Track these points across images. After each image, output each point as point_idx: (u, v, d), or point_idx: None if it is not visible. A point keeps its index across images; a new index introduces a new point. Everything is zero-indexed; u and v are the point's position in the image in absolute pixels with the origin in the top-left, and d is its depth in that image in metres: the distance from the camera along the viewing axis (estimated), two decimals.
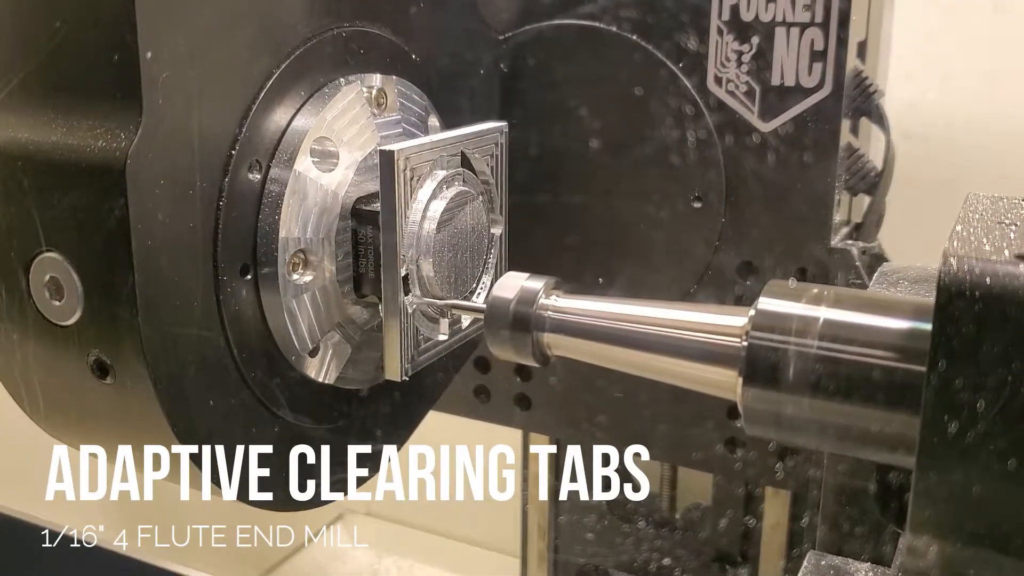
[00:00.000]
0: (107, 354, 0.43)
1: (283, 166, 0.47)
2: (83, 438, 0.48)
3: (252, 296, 0.47)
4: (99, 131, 0.41)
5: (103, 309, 0.42)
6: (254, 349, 0.47)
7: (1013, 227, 0.35)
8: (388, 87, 0.52)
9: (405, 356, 0.50)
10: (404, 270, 0.49)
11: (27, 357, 0.45)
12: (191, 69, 0.42)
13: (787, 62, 0.58)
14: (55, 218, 0.42)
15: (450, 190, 0.52)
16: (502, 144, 0.56)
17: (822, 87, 0.58)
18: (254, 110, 0.45)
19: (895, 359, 0.36)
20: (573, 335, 0.48)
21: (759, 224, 0.62)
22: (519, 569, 0.99)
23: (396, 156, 0.47)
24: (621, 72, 0.63)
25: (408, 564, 1.59)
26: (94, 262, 0.41)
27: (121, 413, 0.44)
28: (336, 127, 0.49)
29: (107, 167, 0.40)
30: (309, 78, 0.48)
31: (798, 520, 0.80)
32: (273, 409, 0.49)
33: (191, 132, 0.42)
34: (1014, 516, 0.32)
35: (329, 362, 0.51)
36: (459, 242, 0.53)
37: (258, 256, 0.47)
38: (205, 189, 0.43)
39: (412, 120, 0.54)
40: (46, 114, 0.42)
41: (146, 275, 0.41)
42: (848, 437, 0.38)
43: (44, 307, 0.43)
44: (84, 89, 0.41)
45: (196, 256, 0.44)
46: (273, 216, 0.47)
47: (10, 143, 0.43)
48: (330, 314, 0.50)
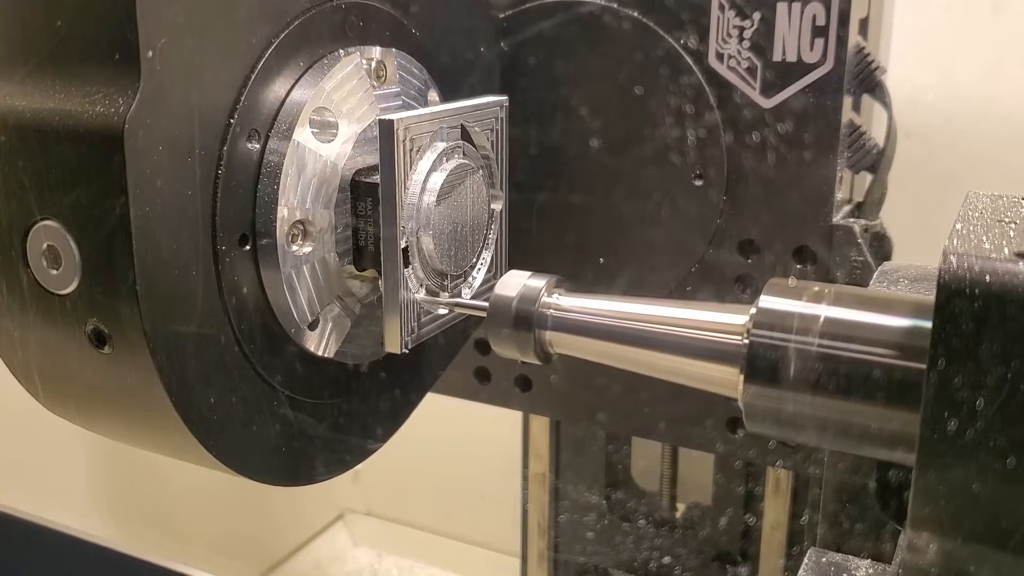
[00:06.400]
0: (105, 323, 0.42)
1: (282, 136, 0.47)
2: (80, 409, 0.47)
3: (251, 267, 0.47)
4: (97, 96, 0.40)
5: (101, 277, 0.42)
6: (253, 320, 0.47)
7: (1013, 225, 0.35)
8: (388, 59, 0.52)
9: (405, 329, 0.50)
10: (404, 242, 0.49)
11: (24, 327, 0.45)
12: (190, 36, 0.42)
13: (788, 38, 0.58)
14: (52, 186, 0.42)
15: (450, 163, 0.51)
16: (502, 118, 0.56)
17: (824, 63, 0.58)
18: (253, 79, 0.45)
19: (895, 357, 0.37)
20: (575, 333, 0.48)
21: (760, 202, 0.62)
22: (519, 569, 0.99)
23: (396, 125, 0.47)
24: (624, 49, 0.63)
25: (408, 564, 1.59)
26: (92, 230, 0.41)
27: (119, 383, 0.44)
28: (335, 98, 0.49)
29: (105, 132, 0.39)
30: (308, 49, 0.48)
31: (798, 519, 0.80)
32: (272, 382, 0.49)
33: (190, 99, 0.42)
34: (1014, 513, 0.32)
35: (329, 335, 0.51)
36: (459, 216, 0.53)
37: (257, 226, 0.46)
38: (203, 157, 0.43)
39: (412, 93, 0.54)
40: (44, 81, 0.42)
41: (144, 243, 0.40)
42: (849, 434, 0.39)
43: (41, 276, 0.43)
44: (82, 54, 0.41)
45: (195, 225, 0.43)
46: (272, 186, 0.46)
47: (7, 110, 0.42)
48: (330, 286, 0.50)
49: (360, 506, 1.61)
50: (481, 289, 0.56)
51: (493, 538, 1.45)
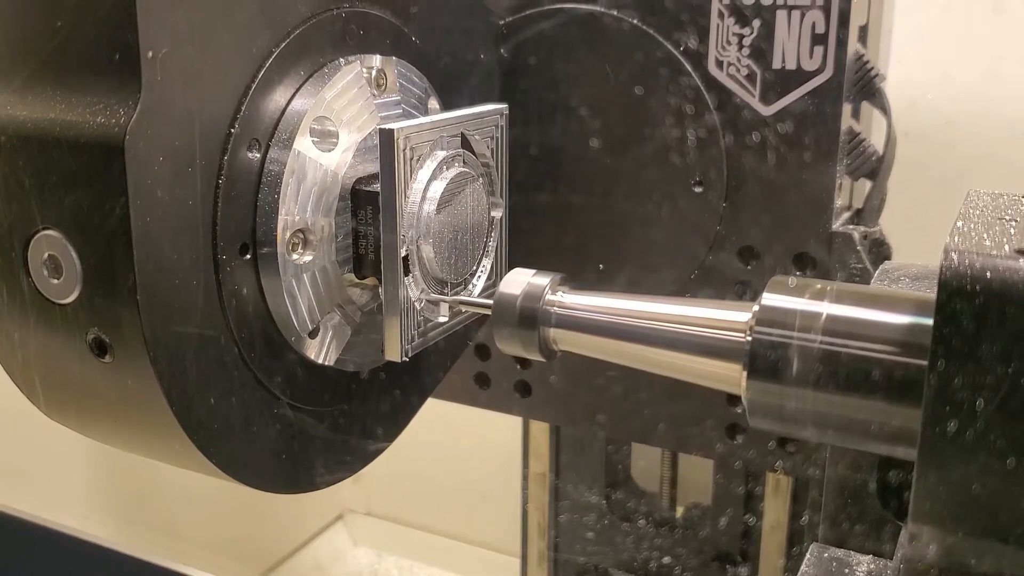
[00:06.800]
0: (106, 332, 0.42)
1: (282, 145, 0.47)
2: (81, 417, 0.47)
3: (252, 276, 0.47)
4: (98, 107, 0.40)
5: (102, 287, 0.42)
6: (254, 329, 0.47)
7: (1013, 223, 0.35)
8: (388, 68, 0.52)
9: (405, 337, 0.50)
10: (404, 250, 0.49)
11: (25, 336, 0.45)
12: (190, 46, 0.42)
13: (788, 45, 0.58)
14: (54, 195, 0.42)
15: (450, 171, 0.51)
16: (502, 127, 0.56)
17: (823, 70, 0.58)
18: (253, 88, 0.45)
19: (897, 354, 0.37)
20: (579, 330, 0.48)
21: (760, 209, 0.62)
22: (519, 569, 0.99)
23: (396, 135, 0.47)
24: (623, 55, 0.63)
25: (408, 564, 1.59)
26: (93, 239, 0.41)
27: (120, 392, 0.44)
28: (336, 107, 0.49)
29: (106, 142, 0.40)
30: (309, 58, 0.48)
31: (798, 519, 0.80)
32: (273, 390, 0.49)
33: (190, 109, 0.42)
34: (1014, 508, 0.32)
35: (329, 343, 0.51)
36: (459, 224, 0.53)
37: (257, 235, 0.46)
38: (204, 167, 0.43)
39: (412, 102, 0.54)
40: (45, 90, 0.42)
41: (145, 252, 0.41)
42: (850, 431, 0.39)
43: (42, 285, 0.43)
44: (83, 65, 0.41)
45: (195, 234, 0.43)
46: (273, 195, 0.46)
47: (8, 120, 0.42)
48: (330, 295, 0.50)
49: (360, 506, 1.61)
50: (481, 296, 0.56)
51: (493, 538, 1.45)
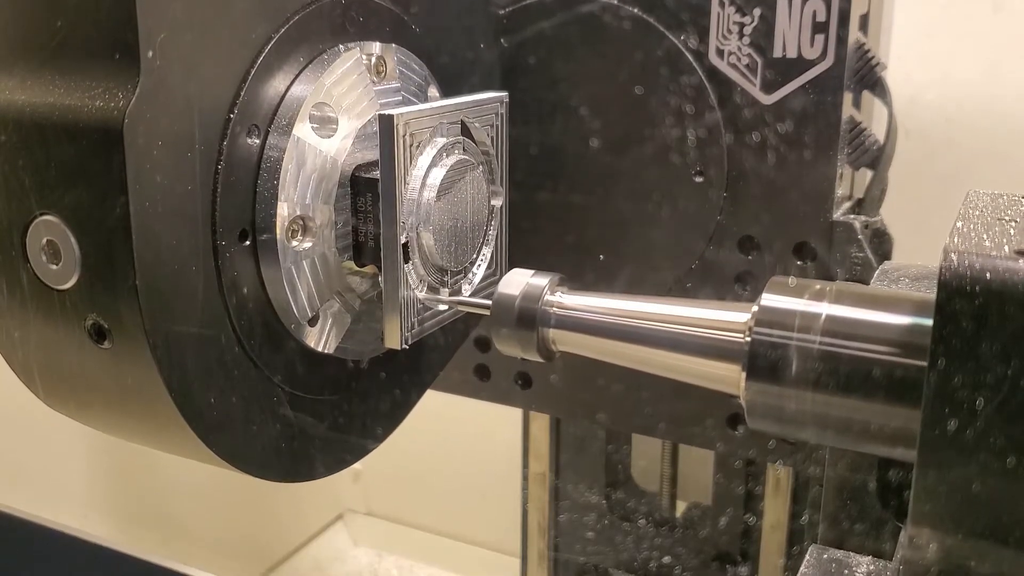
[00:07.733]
0: (105, 318, 0.42)
1: (282, 131, 0.46)
2: (80, 405, 0.47)
3: (251, 262, 0.46)
4: (97, 91, 0.40)
5: (101, 272, 0.41)
6: (253, 315, 0.47)
7: (1013, 223, 0.35)
8: (388, 55, 0.52)
9: (405, 325, 0.50)
10: (404, 238, 0.49)
11: (23, 322, 0.45)
12: (189, 31, 0.42)
13: (789, 34, 0.58)
14: (52, 181, 0.41)
15: (450, 158, 0.51)
16: (502, 114, 0.56)
17: (824, 59, 0.58)
18: (253, 74, 0.45)
19: (897, 354, 0.37)
20: (578, 331, 0.48)
21: (760, 199, 0.62)
22: (519, 569, 0.99)
23: (396, 120, 0.47)
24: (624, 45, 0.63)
25: (408, 564, 1.59)
26: (92, 225, 0.41)
27: (118, 378, 0.44)
28: (335, 93, 0.48)
29: (105, 127, 0.39)
30: (308, 44, 0.48)
31: (798, 519, 0.80)
32: (272, 377, 0.48)
33: (189, 94, 0.42)
34: (1014, 509, 0.32)
35: (329, 331, 0.51)
36: (459, 212, 0.53)
37: (257, 222, 0.46)
38: (203, 152, 0.43)
39: (411, 89, 0.54)
40: (43, 75, 0.42)
41: (144, 238, 0.40)
42: (850, 431, 0.39)
43: (41, 271, 0.43)
44: (81, 49, 0.41)
45: (194, 220, 0.43)
46: (272, 182, 0.46)
47: (6, 104, 0.42)
48: (330, 282, 0.50)
49: (360, 506, 1.61)
50: (481, 285, 0.56)
51: (493, 538, 1.45)
